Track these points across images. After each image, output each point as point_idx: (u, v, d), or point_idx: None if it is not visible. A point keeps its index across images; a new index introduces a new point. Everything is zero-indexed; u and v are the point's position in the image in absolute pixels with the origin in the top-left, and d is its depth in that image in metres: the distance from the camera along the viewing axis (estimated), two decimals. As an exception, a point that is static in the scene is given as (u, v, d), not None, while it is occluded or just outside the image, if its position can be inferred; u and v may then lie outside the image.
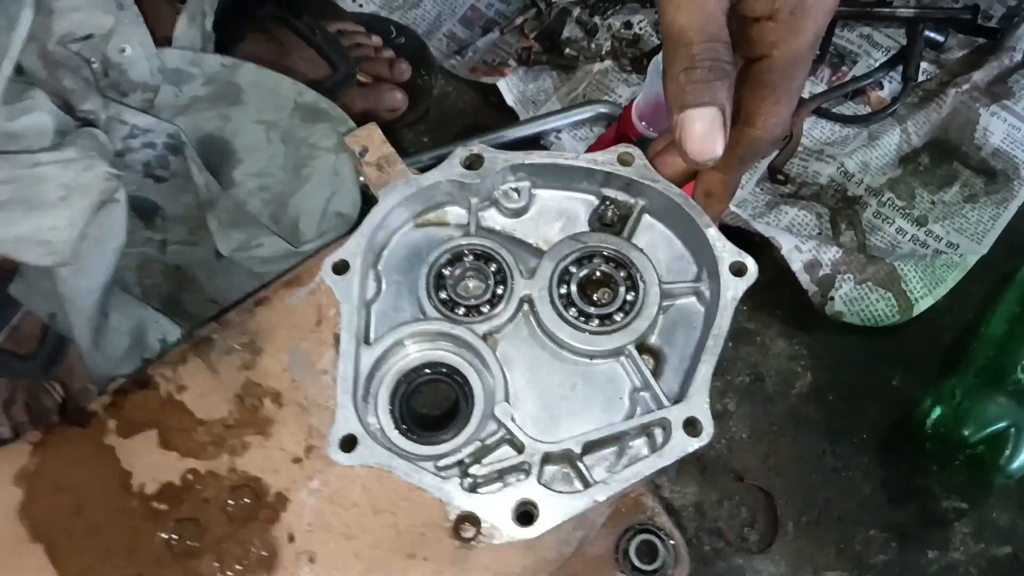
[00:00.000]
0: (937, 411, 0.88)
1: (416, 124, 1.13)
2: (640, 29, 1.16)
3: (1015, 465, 0.84)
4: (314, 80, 1.03)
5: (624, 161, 0.55)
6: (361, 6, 1.22)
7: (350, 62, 1.06)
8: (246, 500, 0.47)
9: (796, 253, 0.97)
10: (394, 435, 0.50)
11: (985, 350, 0.91)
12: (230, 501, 0.47)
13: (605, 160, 0.55)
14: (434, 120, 1.14)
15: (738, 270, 0.51)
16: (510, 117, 1.12)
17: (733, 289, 0.50)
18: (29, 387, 0.78)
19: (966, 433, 0.85)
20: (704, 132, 0.46)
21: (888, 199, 1.06)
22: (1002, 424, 0.84)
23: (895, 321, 0.96)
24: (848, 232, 1.04)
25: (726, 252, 0.52)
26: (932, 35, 1.13)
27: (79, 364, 0.85)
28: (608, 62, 1.16)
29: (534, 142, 1.11)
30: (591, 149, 0.84)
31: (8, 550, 0.50)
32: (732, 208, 1.01)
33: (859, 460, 0.94)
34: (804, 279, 0.97)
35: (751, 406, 0.97)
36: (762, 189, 1.08)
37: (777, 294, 1.01)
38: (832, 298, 0.96)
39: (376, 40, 1.14)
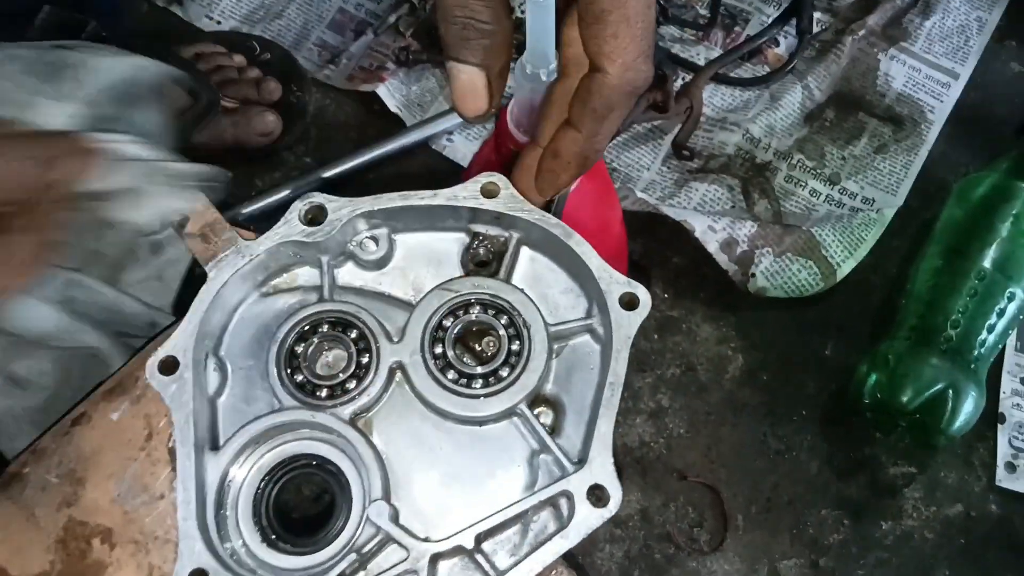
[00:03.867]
0: (873, 378, 0.85)
1: (296, 146, 1.05)
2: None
3: (956, 426, 0.81)
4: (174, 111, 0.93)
5: (489, 192, 0.48)
6: (219, 23, 1.12)
7: (211, 88, 0.97)
8: (82, 672, 0.40)
9: (711, 233, 0.92)
10: (261, 550, 0.43)
11: (913, 308, 0.88)
12: None
13: (467, 194, 0.48)
14: (316, 138, 1.06)
15: (629, 302, 0.45)
16: (396, 124, 1.04)
17: (626, 326, 0.44)
18: None
19: (904, 400, 0.82)
20: (463, 89, 0.44)
21: (798, 160, 1.02)
22: (939, 386, 0.81)
23: (820, 289, 0.93)
24: (762, 201, 1.00)
25: (614, 283, 0.46)
26: (822, -18, 1.08)
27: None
28: (492, 52, 1.09)
29: (424, 147, 1.04)
30: (476, 157, 0.77)
31: None
32: (639, 193, 0.96)
33: (802, 439, 0.90)
34: (722, 259, 0.92)
35: (686, 398, 0.92)
36: (668, 168, 1.02)
37: (698, 278, 0.96)
38: (753, 275, 0.92)
39: (239, 60, 1.05)
